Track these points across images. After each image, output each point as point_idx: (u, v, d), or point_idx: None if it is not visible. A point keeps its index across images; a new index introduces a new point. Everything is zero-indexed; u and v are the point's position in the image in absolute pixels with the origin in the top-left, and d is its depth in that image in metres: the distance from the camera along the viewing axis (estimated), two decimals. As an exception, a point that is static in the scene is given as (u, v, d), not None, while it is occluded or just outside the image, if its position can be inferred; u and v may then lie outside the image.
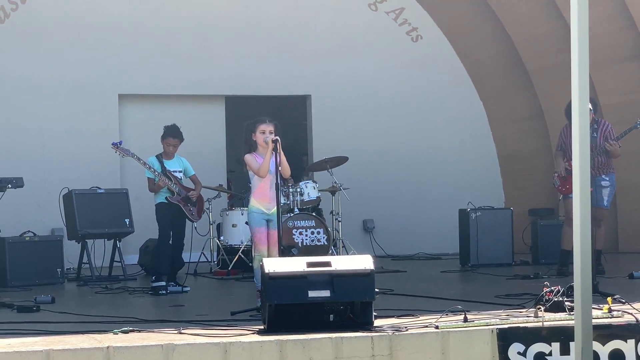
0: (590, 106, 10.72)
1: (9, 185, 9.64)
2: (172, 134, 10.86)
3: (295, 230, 12.33)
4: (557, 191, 11.92)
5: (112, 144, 10.97)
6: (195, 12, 15.08)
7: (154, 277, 10.63)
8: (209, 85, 15.15)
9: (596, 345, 6.82)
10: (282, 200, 11.61)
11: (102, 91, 14.66)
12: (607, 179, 11.31)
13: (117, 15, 14.75)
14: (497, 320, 7.30)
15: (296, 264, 7.09)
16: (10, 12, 14.32)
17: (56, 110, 14.47)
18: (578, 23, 5.08)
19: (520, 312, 7.75)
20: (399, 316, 7.60)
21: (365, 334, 6.85)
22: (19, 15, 14.33)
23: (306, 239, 12.33)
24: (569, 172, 11.08)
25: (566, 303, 7.56)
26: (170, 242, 10.76)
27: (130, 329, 7.09)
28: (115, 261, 12.23)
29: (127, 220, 12.19)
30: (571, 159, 10.47)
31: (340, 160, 13.34)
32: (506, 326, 7.10)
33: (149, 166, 10.68)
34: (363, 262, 7.16)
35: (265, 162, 8.46)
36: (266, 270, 7.00)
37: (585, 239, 5.07)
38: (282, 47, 15.43)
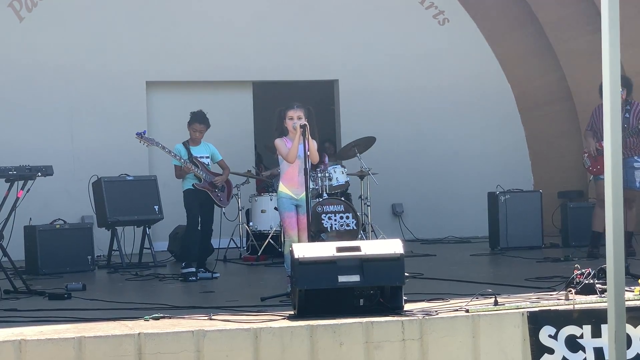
0: (624, 87, 10.66)
1: (39, 174, 9.62)
2: (198, 120, 10.86)
3: (325, 215, 12.31)
4: (588, 171, 11.83)
5: (136, 134, 10.89)
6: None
7: (183, 264, 10.64)
8: (237, 71, 15.12)
9: (628, 328, 6.78)
10: (311, 185, 11.57)
11: (130, 78, 14.65)
12: (640, 160, 11.23)
13: (144, 2, 14.75)
14: (528, 303, 7.28)
15: (326, 249, 7.09)
16: (38, 0, 14.36)
17: (84, 98, 14.48)
18: (609, 3, 5.03)
19: (551, 295, 7.73)
20: (429, 300, 7.60)
21: (395, 318, 6.85)
22: (47, 2, 14.35)
23: (335, 224, 12.31)
24: (600, 152, 10.99)
25: (597, 285, 7.54)
26: (199, 228, 10.78)
27: (161, 315, 7.13)
28: (145, 248, 12.26)
29: (156, 207, 12.22)
30: (601, 140, 10.46)
31: (369, 142, 13.30)
32: (537, 309, 7.08)
33: (174, 154, 10.68)
34: (393, 246, 7.15)
35: (293, 147, 8.45)
36: (296, 256, 7.00)
37: (617, 220, 5.02)
38: (308, 32, 15.38)
